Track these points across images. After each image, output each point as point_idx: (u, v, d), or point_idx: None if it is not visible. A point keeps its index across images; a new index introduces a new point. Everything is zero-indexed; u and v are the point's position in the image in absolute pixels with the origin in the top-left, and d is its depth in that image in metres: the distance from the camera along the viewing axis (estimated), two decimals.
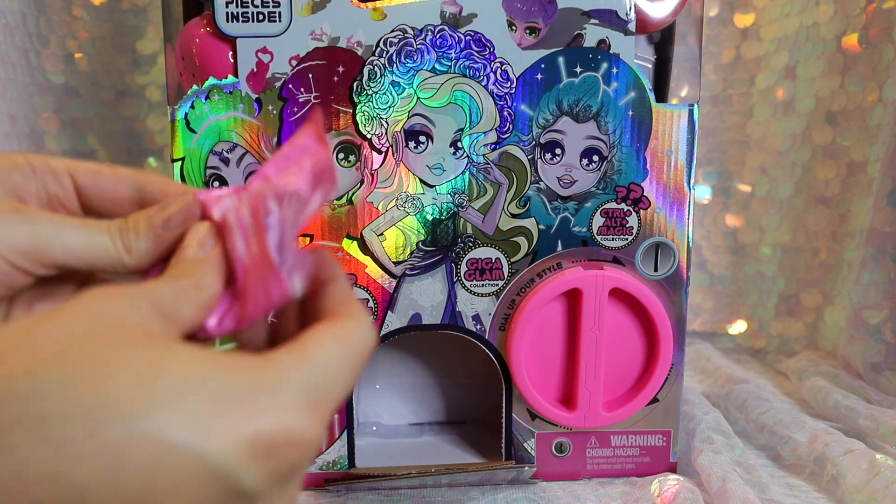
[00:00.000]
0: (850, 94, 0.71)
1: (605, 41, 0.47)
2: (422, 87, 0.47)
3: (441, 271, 0.49)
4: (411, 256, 0.49)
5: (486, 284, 0.50)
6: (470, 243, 0.49)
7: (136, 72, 0.77)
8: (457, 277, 0.49)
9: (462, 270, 0.49)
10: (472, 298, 0.50)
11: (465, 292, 0.50)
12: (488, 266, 0.50)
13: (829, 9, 0.71)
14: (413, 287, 0.49)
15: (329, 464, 0.52)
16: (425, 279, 0.49)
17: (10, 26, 0.64)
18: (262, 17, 0.45)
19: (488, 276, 0.50)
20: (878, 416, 0.58)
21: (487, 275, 0.50)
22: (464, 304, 0.50)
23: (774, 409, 0.61)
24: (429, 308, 0.50)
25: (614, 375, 0.51)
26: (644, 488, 0.51)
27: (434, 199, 0.48)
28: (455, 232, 0.49)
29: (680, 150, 0.49)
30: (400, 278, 0.49)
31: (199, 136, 0.47)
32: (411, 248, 0.49)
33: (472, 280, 0.50)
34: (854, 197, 0.72)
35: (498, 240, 0.49)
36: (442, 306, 0.50)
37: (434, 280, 0.49)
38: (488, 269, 0.50)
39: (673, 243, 0.50)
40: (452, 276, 0.49)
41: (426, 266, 0.49)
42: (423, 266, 0.49)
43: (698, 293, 0.83)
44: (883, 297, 0.66)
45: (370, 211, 0.48)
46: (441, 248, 0.49)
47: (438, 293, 0.50)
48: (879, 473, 0.49)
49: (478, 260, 0.49)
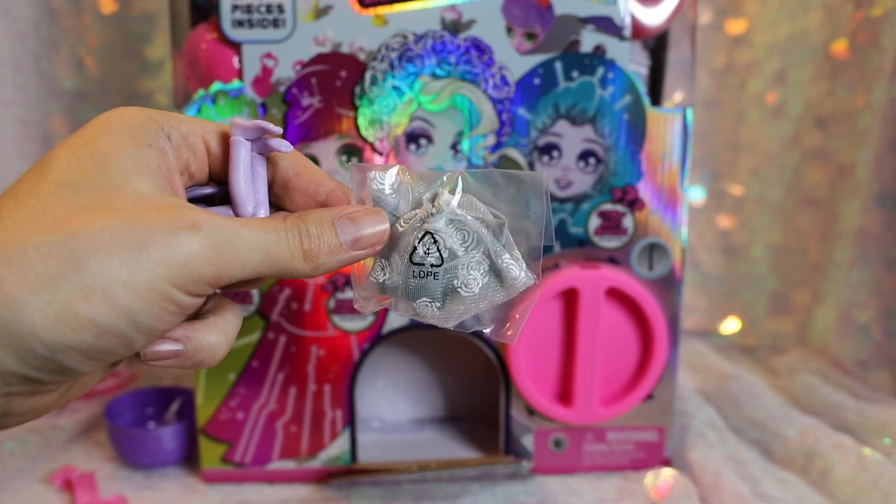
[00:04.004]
0: (839, 99, 0.73)
1: (601, 47, 0.48)
2: (422, 92, 0.48)
3: None
4: None
5: None
6: None
7: (144, 77, 0.78)
8: None
9: None
10: None
11: None
12: None
13: (819, 16, 0.73)
14: None
15: (332, 459, 0.53)
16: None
17: (23, 33, 0.65)
18: (267, 23, 0.46)
19: None
20: (867, 412, 0.60)
21: None
22: None
23: (766, 406, 0.62)
24: None
25: (610, 372, 0.53)
26: (639, 482, 0.52)
27: None
28: None
29: (674, 153, 0.50)
30: None
31: None
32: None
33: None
34: (843, 199, 0.74)
35: None
36: None
37: None
38: None
39: (667, 244, 0.51)
40: None
41: None
42: None
43: (692, 292, 0.84)
44: (871, 296, 0.67)
45: None
46: None
47: None
48: (867, 468, 0.51)
49: None
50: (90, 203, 0.22)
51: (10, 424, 0.23)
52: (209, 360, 0.25)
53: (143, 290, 0.21)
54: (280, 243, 0.25)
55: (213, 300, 0.27)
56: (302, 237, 0.25)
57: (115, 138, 0.24)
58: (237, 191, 0.27)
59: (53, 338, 0.21)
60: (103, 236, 0.21)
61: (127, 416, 0.57)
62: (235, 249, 0.23)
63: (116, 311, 0.21)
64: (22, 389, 0.22)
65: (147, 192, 0.23)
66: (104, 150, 0.23)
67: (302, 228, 0.25)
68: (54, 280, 0.20)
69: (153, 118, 0.26)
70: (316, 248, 0.25)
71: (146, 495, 0.51)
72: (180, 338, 0.24)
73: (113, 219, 0.22)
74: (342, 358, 0.51)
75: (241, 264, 0.24)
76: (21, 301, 0.20)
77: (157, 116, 0.26)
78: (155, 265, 0.21)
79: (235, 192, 0.27)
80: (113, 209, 0.22)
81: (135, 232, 0.22)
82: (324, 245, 0.26)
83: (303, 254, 0.25)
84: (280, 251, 0.25)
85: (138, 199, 0.23)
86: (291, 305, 0.50)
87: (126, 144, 0.24)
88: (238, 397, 0.51)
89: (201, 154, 0.27)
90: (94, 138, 0.24)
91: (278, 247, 0.25)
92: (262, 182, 0.28)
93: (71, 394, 0.25)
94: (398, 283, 0.27)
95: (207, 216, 0.23)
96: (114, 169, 0.23)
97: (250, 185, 0.27)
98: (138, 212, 0.22)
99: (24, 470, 0.54)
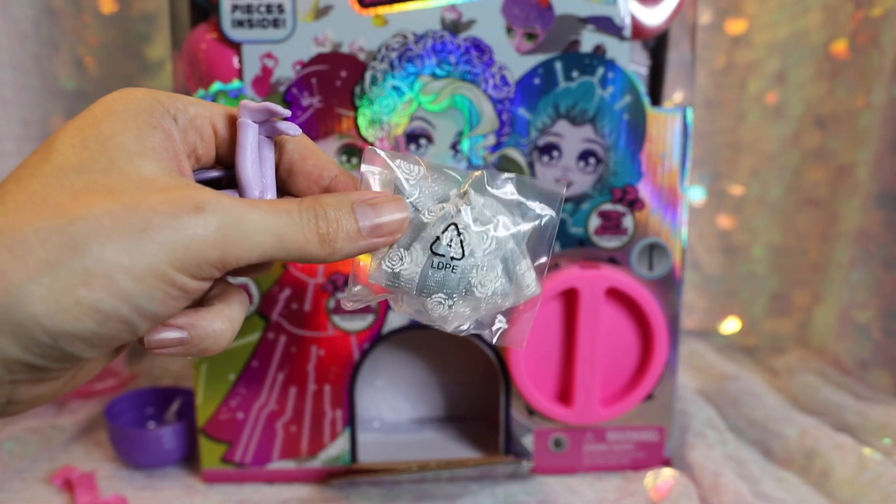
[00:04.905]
0: (839, 99, 0.73)
1: (601, 47, 0.48)
2: (422, 92, 0.48)
3: None
4: None
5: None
6: None
7: (144, 77, 0.78)
8: None
9: None
10: None
11: None
12: None
13: (819, 16, 0.73)
14: None
15: (332, 459, 0.53)
16: None
17: (23, 33, 0.65)
18: (267, 23, 0.46)
19: None
20: (867, 412, 0.60)
21: None
22: None
23: (765, 406, 0.62)
24: None
25: (610, 373, 0.53)
26: (639, 482, 0.52)
27: None
28: None
29: (674, 153, 0.50)
30: None
31: None
32: None
33: None
34: (843, 199, 0.74)
35: None
36: None
37: None
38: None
39: (667, 244, 0.51)
40: None
41: None
42: None
43: (692, 292, 0.84)
44: (871, 296, 0.67)
45: None
46: None
47: None
48: (867, 468, 0.51)
49: None
50: (93, 186, 0.22)
51: (16, 412, 0.23)
52: (214, 347, 0.25)
53: (145, 275, 0.21)
54: (293, 226, 0.24)
55: (218, 286, 0.26)
56: (318, 220, 0.25)
57: (119, 121, 0.23)
58: (244, 174, 0.27)
59: (55, 325, 0.20)
60: (104, 220, 0.21)
61: (127, 416, 0.57)
62: (243, 232, 0.23)
63: (118, 297, 0.21)
64: (26, 377, 0.22)
65: (153, 173, 0.23)
66: (109, 134, 0.23)
67: (319, 211, 0.25)
68: (54, 266, 0.20)
69: (160, 100, 0.25)
70: (333, 233, 0.25)
71: (146, 495, 0.51)
72: (185, 325, 0.24)
73: (115, 202, 0.21)
74: (342, 358, 0.51)
75: (249, 247, 0.23)
76: (22, 288, 0.20)
77: (163, 98, 0.25)
78: (157, 249, 0.21)
79: (242, 175, 0.27)
80: (115, 192, 0.22)
81: (137, 215, 0.21)
82: (342, 230, 0.25)
83: (318, 237, 0.24)
84: (293, 234, 0.24)
85: (143, 182, 0.22)
86: (291, 305, 0.50)
87: (131, 127, 0.23)
88: (238, 397, 0.51)
89: (208, 137, 0.27)
90: (98, 121, 0.23)
91: (291, 230, 0.24)
92: (270, 166, 0.28)
93: (76, 380, 0.24)
94: (415, 274, 0.27)
95: (215, 197, 0.23)
96: (118, 152, 0.23)
97: (257, 169, 0.27)
98: (142, 194, 0.22)
99: (24, 470, 0.54)
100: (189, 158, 0.26)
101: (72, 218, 0.21)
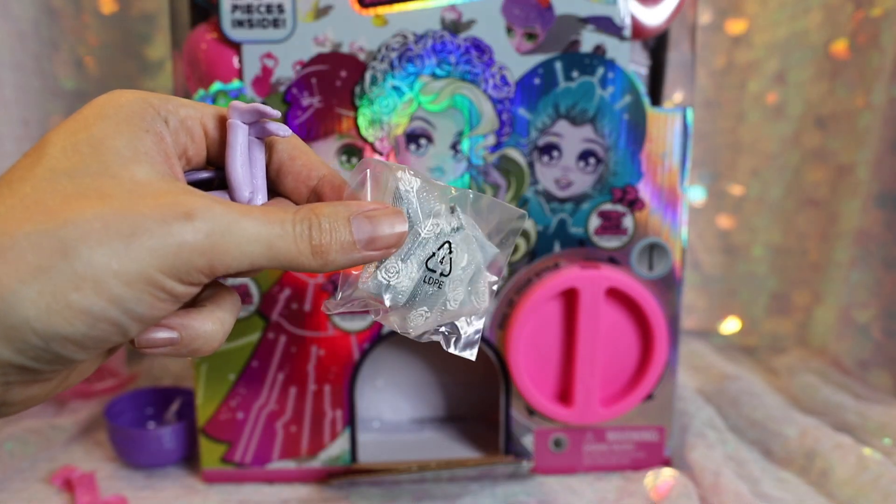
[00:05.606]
0: (839, 99, 0.73)
1: (601, 47, 0.48)
2: (422, 92, 0.48)
3: None
4: None
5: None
6: None
7: (144, 77, 0.78)
8: None
9: None
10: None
11: None
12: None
13: (819, 16, 0.73)
14: None
15: (332, 459, 0.53)
16: None
17: (24, 33, 0.65)
18: (267, 23, 0.46)
19: None
20: (867, 412, 0.60)
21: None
22: None
23: (765, 406, 0.62)
24: None
25: (610, 373, 0.53)
26: (639, 482, 0.52)
27: None
28: None
29: (674, 153, 0.50)
30: None
31: None
32: None
33: None
34: (843, 199, 0.74)
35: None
36: None
37: None
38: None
39: (667, 244, 0.51)
40: None
41: None
42: None
43: (692, 292, 0.84)
44: (871, 296, 0.67)
45: None
46: None
47: None
48: (867, 468, 0.51)
49: None
50: (84, 191, 0.22)
51: (10, 413, 0.24)
52: (205, 348, 0.25)
53: (133, 280, 0.21)
54: (285, 237, 0.24)
55: (210, 288, 0.26)
56: (312, 231, 0.24)
57: (111, 125, 0.24)
58: (233, 175, 0.27)
59: (47, 328, 0.21)
60: (94, 225, 0.21)
61: (127, 416, 0.57)
62: (233, 240, 0.23)
63: (108, 300, 0.21)
64: (19, 379, 0.22)
65: (145, 177, 0.23)
66: (100, 137, 0.23)
67: (314, 222, 0.25)
68: (45, 270, 0.20)
69: (150, 102, 0.25)
70: (326, 244, 0.25)
71: (146, 495, 0.51)
72: (176, 326, 0.24)
73: (105, 206, 0.21)
74: (342, 358, 0.51)
75: (238, 255, 0.23)
76: (13, 292, 0.20)
77: (154, 100, 0.25)
78: (146, 254, 0.21)
79: (232, 176, 0.27)
80: (106, 197, 0.22)
81: (126, 220, 0.21)
82: (335, 241, 0.25)
83: (311, 248, 0.24)
84: (284, 245, 0.24)
85: (134, 187, 0.22)
86: (291, 305, 0.50)
87: (123, 131, 0.24)
88: (238, 397, 0.51)
89: (199, 138, 0.27)
90: (89, 124, 0.23)
91: (282, 241, 0.24)
92: (260, 167, 0.28)
93: (69, 381, 0.25)
94: (408, 287, 0.27)
95: (206, 204, 0.23)
96: (110, 157, 0.23)
97: (247, 170, 0.27)
98: (133, 199, 0.22)
99: (24, 470, 0.54)
100: (180, 160, 0.26)
101: (63, 222, 0.21)
